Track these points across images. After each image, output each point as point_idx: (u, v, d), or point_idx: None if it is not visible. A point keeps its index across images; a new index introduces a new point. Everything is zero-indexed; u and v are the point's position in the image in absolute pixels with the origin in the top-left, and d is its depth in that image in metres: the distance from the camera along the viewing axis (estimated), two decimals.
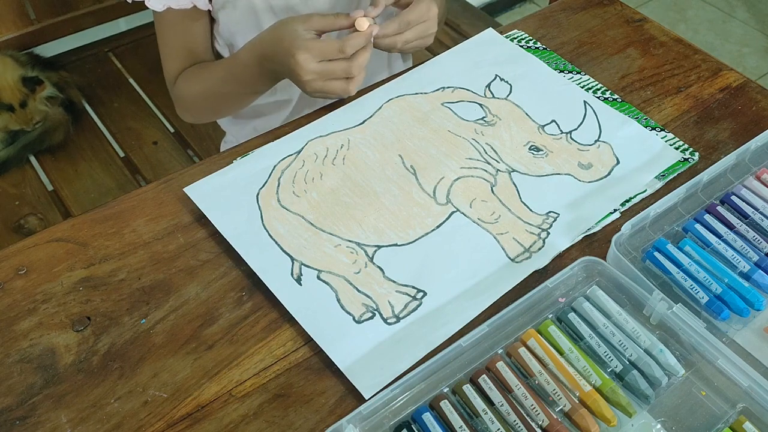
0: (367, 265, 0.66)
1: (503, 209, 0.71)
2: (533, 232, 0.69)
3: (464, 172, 0.74)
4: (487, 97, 0.82)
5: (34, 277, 0.65)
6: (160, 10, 0.85)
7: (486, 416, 0.54)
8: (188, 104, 0.96)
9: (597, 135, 0.78)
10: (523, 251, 0.67)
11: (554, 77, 0.85)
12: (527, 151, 0.76)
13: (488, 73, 0.85)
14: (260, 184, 0.72)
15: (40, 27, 1.30)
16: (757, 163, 0.74)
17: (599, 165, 0.75)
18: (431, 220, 0.70)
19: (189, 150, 1.28)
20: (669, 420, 0.55)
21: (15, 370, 0.59)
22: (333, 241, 0.68)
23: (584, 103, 0.82)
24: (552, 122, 0.79)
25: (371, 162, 0.75)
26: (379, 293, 0.64)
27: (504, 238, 0.68)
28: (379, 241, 0.68)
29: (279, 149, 0.76)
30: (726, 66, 0.89)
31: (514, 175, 0.74)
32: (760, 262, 0.65)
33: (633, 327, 0.59)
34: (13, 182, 1.23)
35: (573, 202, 0.71)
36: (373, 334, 0.61)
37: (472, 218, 0.70)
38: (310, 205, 0.71)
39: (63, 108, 1.28)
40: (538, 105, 0.81)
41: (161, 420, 0.56)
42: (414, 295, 0.64)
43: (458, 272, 0.65)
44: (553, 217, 0.70)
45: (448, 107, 0.81)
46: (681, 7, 2.45)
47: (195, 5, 0.86)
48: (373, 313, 0.62)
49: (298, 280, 0.64)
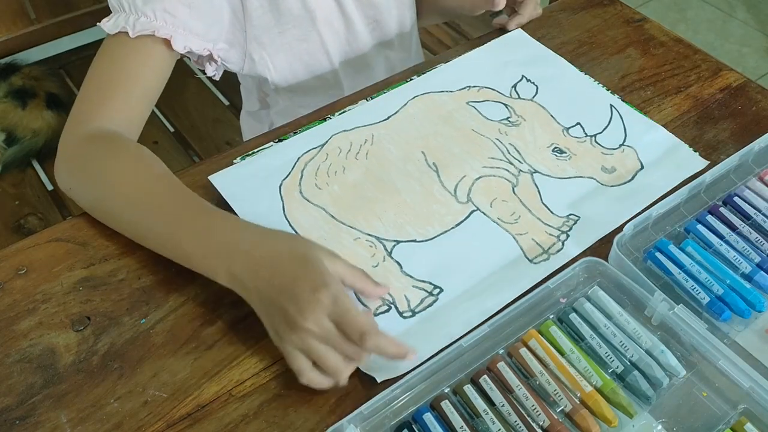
0: (385, 259, 0.66)
1: (523, 210, 0.70)
2: (552, 234, 0.68)
3: (486, 172, 0.74)
4: (512, 97, 0.82)
5: (34, 277, 0.65)
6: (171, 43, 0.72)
7: (487, 416, 0.54)
8: (78, 181, 0.69)
9: (622, 139, 0.78)
10: (541, 252, 0.67)
11: (581, 79, 0.85)
12: (550, 153, 0.76)
13: (515, 74, 0.85)
14: (284, 175, 0.73)
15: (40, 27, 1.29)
16: (760, 164, 0.74)
17: (623, 169, 0.75)
18: (451, 218, 0.70)
19: (189, 150, 1.28)
20: (670, 421, 0.55)
21: (15, 370, 0.59)
22: (352, 234, 0.68)
23: (610, 107, 0.81)
24: (577, 125, 0.79)
25: (394, 158, 0.75)
26: (396, 287, 0.64)
27: (523, 238, 0.68)
28: (398, 236, 0.68)
29: (303, 142, 0.76)
30: (726, 66, 0.89)
31: (536, 176, 0.74)
32: (762, 263, 0.64)
33: (634, 328, 0.59)
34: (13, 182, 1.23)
35: (594, 206, 0.71)
36: (389, 328, 0.61)
37: (492, 218, 0.70)
38: (332, 198, 0.71)
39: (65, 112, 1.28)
40: (563, 107, 0.81)
41: (161, 420, 0.56)
42: (430, 291, 0.64)
43: (476, 270, 0.65)
44: (574, 220, 0.70)
45: (473, 106, 0.81)
46: (681, 7, 2.45)
47: (211, 53, 0.79)
48: (389, 307, 0.63)
49: None
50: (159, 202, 0.64)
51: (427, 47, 1.46)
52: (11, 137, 1.29)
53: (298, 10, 0.86)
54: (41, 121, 1.30)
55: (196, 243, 0.61)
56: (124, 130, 0.71)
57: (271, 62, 0.89)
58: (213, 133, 1.29)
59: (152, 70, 0.74)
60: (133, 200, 0.65)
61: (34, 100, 1.32)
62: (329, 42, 0.91)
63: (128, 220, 0.66)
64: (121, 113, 0.72)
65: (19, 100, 1.31)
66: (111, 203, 0.67)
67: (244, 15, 0.83)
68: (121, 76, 0.73)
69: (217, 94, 1.41)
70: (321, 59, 0.93)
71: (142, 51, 0.73)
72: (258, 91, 1.02)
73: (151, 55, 0.73)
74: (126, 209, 0.66)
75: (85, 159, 0.69)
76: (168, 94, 0.97)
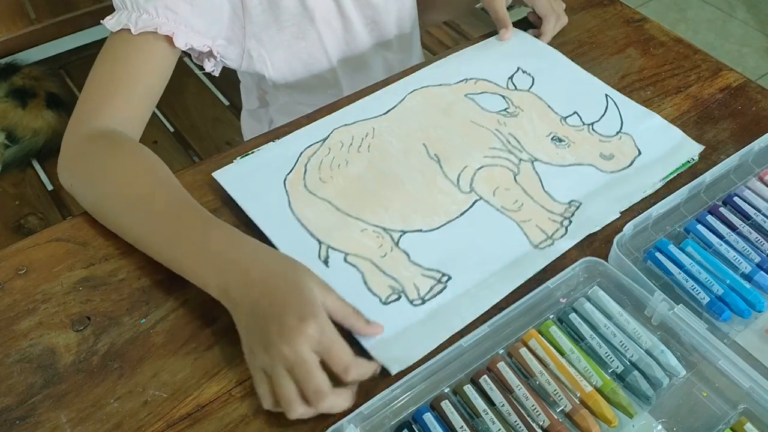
0: (393, 250, 0.67)
1: (526, 198, 0.71)
2: (556, 220, 0.69)
3: (487, 161, 0.74)
4: (509, 89, 0.83)
5: (34, 277, 0.65)
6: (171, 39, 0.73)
7: (487, 416, 0.54)
8: (79, 179, 0.69)
9: (619, 127, 0.79)
10: (546, 238, 0.68)
11: (576, 71, 0.86)
12: (550, 141, 0.77)
13: (511, 66, 0.86)
14: (287, 170, 0.73)
15: (40, 27, 1.29)
16: (760, 164, 0.74)
17: (621, 156, 0.76)
18: (455, 208, 0.70)
19: (189, 150, 1.28)
20: (670, 421, 0.55)
21: (15, 370, 0.59)
22: (359, 225, 0.68)
23: (606, 96, 0.83)
24: (574, 114, 0.80)
25: (396, 150, 0.76)
26: (405, 276, 0.65)
27: (527, 225, 0.69)
28: (404, 227, 0.69)
29: (305, 137, 0.77)
30: (726, 66, 0.89)
31: (536, 164, 0.75)
32: (762, 263, 0.65)
33: (634, 328, 0.59)
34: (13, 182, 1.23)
35: (595, 192, 0.72)
36: (400, 316, 0.61)
37: (496, 206, 0.71)
38: (337, 191, 0.71)
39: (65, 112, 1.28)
40: (559, 97, 0.82)
41: (161, 420, 0.56)
42: (439, 279, 0.64)
43: (482, 258, 0.66)
44: (576, 206, 0.71)
45: (472, 98, 0.82)
46: (681, 7, 2.45)
47: (211, 49, 0.79)
48: (399, 295, 0.63)
49: (325, 262, 0.66)
50: (157, 208, 0.64)
51: (427, 47, 1.46)
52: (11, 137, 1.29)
53: (297, 8, 0.86)
54: (41, 120, 1.30)
55: (191, 252, 0.60)
56: (127, 128, 0.71)
57: (269, 59, 0.90)
58: (213, 133, 1.29)
59: (154, 68, 0.74)
60: (131, 203, 0.65)
61: (34, 100, 1.32)
62: (327, 41, 0.91)
63: (125, 222, 0.65)
64: (124, 112, 0.72)
65: (19, 100, 1.31)
66: (110, 204, 0.67)
67: (243, 12, 0.84)
68: (123, 75, 0.73)
69: (217, 94, 1.41)
70: (319, 58, 0.93)
71: (144, 48, 0.73)
72: (257, 88, 1.02)
73: (154, 52, 0.74)
74: (124, 212, 0.65)
75: (87, 158, 0.69)
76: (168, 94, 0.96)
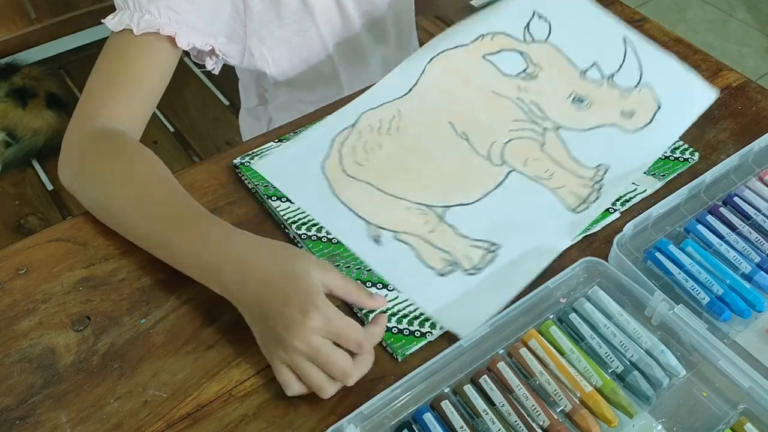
0: (439, 224, 0.67)
1: (556, 166, 0.72)
2: (587, 184, 0.70)
3: (514, 135, 0.75)
4: (526, 41, 0.81)
5: (34, 277, 0.65)
6: None
7: (487, 416, 0.54)
8: (79, 179, 0.69)
9: (638, 78, 0.78)
10: (581, 202, 0.69)
11: (592, 11, 0.84)
12: (570, 104, 0.77)
13: (526, 11, 0.84)
14: (323, 156, 0.73)
15: (40, 27, 1.29)
16: (760, 164, 0.74)
17: (642, 111, 0.76)
18: (491, 180, 0.71)
19: (189, 150, 1.28)
20: (670, 421, 0.55)
21: (15, 370, 0.59)
22: (403, 204, 0.69)
23: (624, 41, 0.81)
24: (593, 65, 0.79)
25: (425, 130, 0.76)
26: (456, 248, 0.65)
27: (562, 191, 0.70)
28: (446, 202, 0.69)
29: (334, 123, 0.76)
30: (726, 66, 0.89)
31: (560, 131, 0.75)
32: (762, 263, 0.65)
33: (634, 328, 0.59)
34: (13, 182, 1.23)
35: (621, 153, 0.73)
36: (456, 287, 0.62)
37: (529, 175, 0.71)
38: (375, 173, 0.71)
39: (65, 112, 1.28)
40: (578, 45, 0.81)
41: (161, 420, 0.56)
42: (488, 248, 0.65)
43: (525, 224, 0.67)
44: (604, 169, 0.71)
45: (490, 60, 0.80)
46: (681, 7, 2.45)
47: (213, 48, 0.79)
48: (454, 267, 0.64)
49: (377, 241, 0.66)
50: (157, 208, 0.64)
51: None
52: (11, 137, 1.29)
53: (297, 4, 0.87)
54: (41, 120, 1.30)
55: (191, 251, 0.61)
56: (128, 128, 0.72)
57: (270, 56, 0.90)
58: (213, 132, 1.30)
59: (156, 68, 0.74)
60: (131, 203, 0.65)
61: (34, 99, 1.32)
62: (327, 36, 0.92)
63: (126, 222, 0.66)
64: (125, 111, 0.72)
65: (19, 99, 1.31)
66: (110, 203, 0.67)
67: (244, 8, 0.84)
68: (124, 74, 0.73)
69: (217, 94, 1.41)
70: (319, 53, 0.93)
71: (146, 48, 0.73)
72: (256, 86, 1.02)
73: (155, 52, 0.74)
74: (125, 212, 0.66)
75: (88, 157, 0.69)
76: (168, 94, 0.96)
